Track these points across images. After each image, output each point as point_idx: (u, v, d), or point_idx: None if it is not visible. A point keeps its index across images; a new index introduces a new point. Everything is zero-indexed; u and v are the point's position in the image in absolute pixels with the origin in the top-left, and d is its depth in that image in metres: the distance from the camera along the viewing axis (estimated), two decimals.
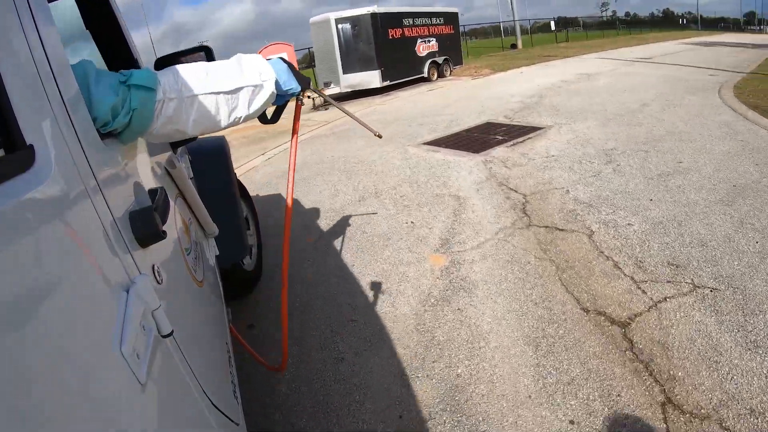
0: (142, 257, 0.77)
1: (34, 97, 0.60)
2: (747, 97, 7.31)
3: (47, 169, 0.56)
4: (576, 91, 9.48)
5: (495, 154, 5.42)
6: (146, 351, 0.66)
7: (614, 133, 5.71)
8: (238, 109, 1.06)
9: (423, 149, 5.96)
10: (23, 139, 0.55)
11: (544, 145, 5.60)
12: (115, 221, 0.71)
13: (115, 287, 0.65)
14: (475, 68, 17.21)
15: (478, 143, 5.91)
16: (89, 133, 0.75)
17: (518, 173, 4.65)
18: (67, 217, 0.59)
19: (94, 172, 0.70)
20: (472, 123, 7.26)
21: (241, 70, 1.07)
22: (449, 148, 5.77)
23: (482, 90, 11.26)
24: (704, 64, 13.95)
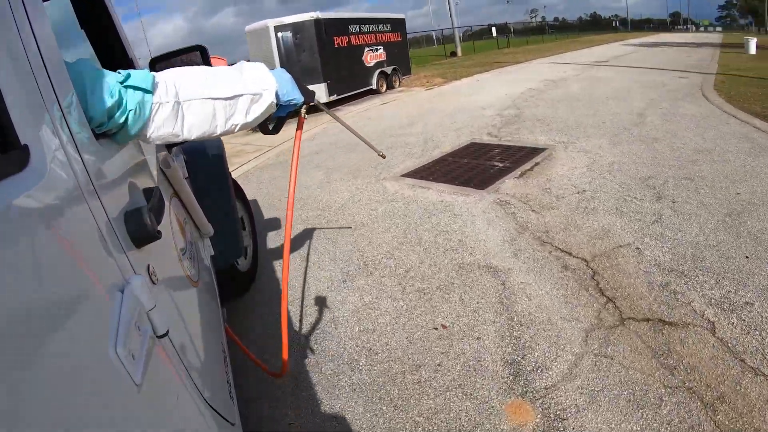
0: (137, 257, 0.78)
1: (29, 96, 0.61)
2: (741, 103, 7.19)
3: (42, 170, 0.58)
4: (554, 101, 8.77)
5: (506, 189, 4.32)
6: (141, 351, 0.66)
7: (635, 155, 4.95)
8: (235, 117, 1.06)
9: (406, 184, 4.74)
10: (18, 139, 0.56)
11: (562, 173, 4.60)
12: (110, 221, 0.72)
13: (110, 287, 0.65)
14: (425, 78, 16.42)
15: (475, 173, 4.80)
16: (84, 133, 0.77)
17: (555, 221, 3.54)
18: (61, 217, 0.60)
19: (89, 172, 0.71)
20: (453, 144, 6.19)
21: (241, 78, 1.08)
22: (441, 182, 4.61)
23: (443, 102, 10.29)
24: (665, 66, 14.00)
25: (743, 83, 9.71)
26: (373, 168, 5.45)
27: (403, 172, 5.08)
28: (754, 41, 17.65)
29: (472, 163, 5.13)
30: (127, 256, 0.75)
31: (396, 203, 4.24)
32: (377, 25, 13.91)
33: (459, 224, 3.64)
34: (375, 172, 5.28)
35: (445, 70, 18.97)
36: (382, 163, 5.55)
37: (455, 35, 31.84)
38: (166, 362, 0.77)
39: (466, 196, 4.22)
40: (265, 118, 1.17)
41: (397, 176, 4.99)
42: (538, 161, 5.04)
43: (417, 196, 4.37)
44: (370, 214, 4.05)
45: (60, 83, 0.72)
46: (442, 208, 4.01)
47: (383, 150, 1.83)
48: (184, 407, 0.80)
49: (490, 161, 5.16)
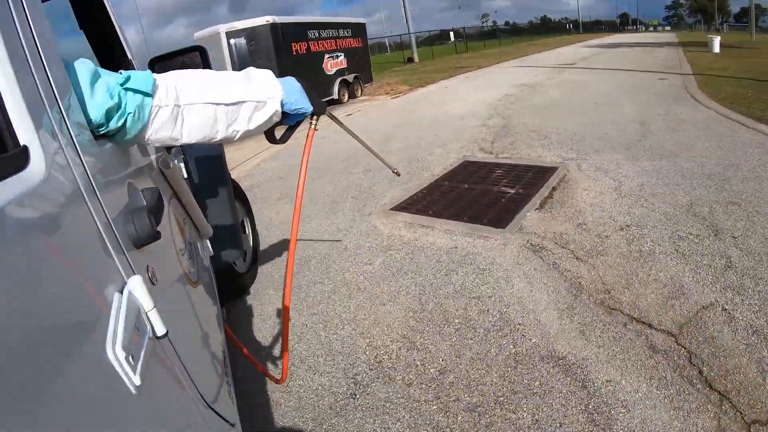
0: (136, 258, 0.78)
1: (29, 97, 0.61)
2: (737, 106, 7.09)
3: (41, 170, 0.58)
4: (540, 108, 8.25)
5: (531, 226, 3.57)
6: (141, 352, 0.67)
7: (661, 174, 4.40)
8: (237, 124, 1.06)
9: (402, 222, 3.89)
10: (17, 140, 0.58)
11: (590, 200, 3.95)
12: (109, 222, 0.73)
13: (109, 288, 0.66)
14: (388, 85, 15.74)
15: (484, 204, 4.04)
16: (83, 134, 0.78)
17: (612, 273, 2.84)
18: (61, 217, 0.61)
19: (88, 172, 0.71)
20: (443, 163, 5.43)
21: (247, 84, 1.08)
22: (446, 219, 3.81)
23: (416, 112, 9.55)
24: (637, 67, 13.92)
25: (726, 83, 9.64)
26: (354, 199, 4.59)
27: (393, 204, 4.24)
28: (718, 40, 17.93)
29: (475, 190, 4.35)
30: (127, 256, 0.75)
31: (396, 252, 3.38)
32: (337, 30, 13.10)
33: (491, 285, 2.82)
34: (357, 205, 4.41)
35: (408, 76, 18.37)
36: (364, 192, 4.71)
37: (411, 41, 31.47)
38: (165, 363, 0.79)
39: (485, 239, 3.42)
40: (271, 126, 1.18)
41: (387, 210, 4.14)
42: (554, 185, 4.33)
43: (420, 239, 3.53)
44: (365, 272, 3.17)
45: (59, 84, 0.72)
46: (459, 259, 3.18)
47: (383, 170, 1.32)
48: (184, 408, 0.82)
49: (496, 186, 4.40)
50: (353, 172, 5.51)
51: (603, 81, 11.12)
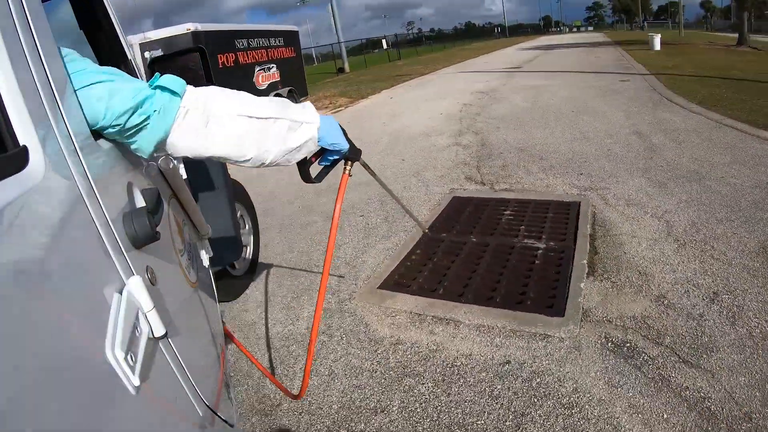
0: (135, 258, 0.79)
1: (28, 97, 0.62)
2: (724, 109, 6.82)
3: (41, 170, 0.59)
4: (511, 119, 7.48)
5: (596, 307, 2.60)
6: (139, 353, 0.68)
7: (704, 205, 3.65)
8: (270, 141, 1.02)
9: (403, 314, 2.70)
10: (17, 140, 0.59)
11: (648, 255, 3.02)
12: (108, 222, 0.74)
13: (108, 288, 0.67)
14: (326, 98, 14.49)
15: (512, 269, 2.98)
16: (83, 134, 0.78)
17: (739, 383, 2.01)
18: (60, 217, 0.62)
19: (87, 172, 0.72)
20: (426, 200, 4.33)
21: (282, 104, 1.06)
22: (468, 302, 2.66)
23: (365, 129, 8.40)
24: (588, 69, 13.66)
25: (693, 83, 9.44)
26: (317, 270, 3.33)
27: (381, 277, 3.03)
28: (659, 37, 18.18)
29: (490, 245, 3.25)
30: (126, 257, 0.76)
31: (416, 382, 2.16)
32: (268, 39, 11.73)
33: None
34: (338, 286, 3.15)
35: (345, 87, 17.22)
36: (334, 257, 3.47)
37: (342, 50, 30.47)
38: (164, 364, 0.79)
39: (544, 340, 2.32)
40: (304, 158, 1.15)
41: (374, 288, 2.92)
42: (590, 231, 3.34)
43: (446, 348, 2.35)
44: (375, 426, 1.94)
45: (59, 83, 0.73)
46: (522, 387, 2.04)
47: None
48: (183, 409, 0.82)
49: (515, 236, 3.32)
50: (310, 216, 4.25)
51: (563, 85, 10.53)
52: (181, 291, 1.10)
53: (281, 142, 1.04)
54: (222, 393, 1.15)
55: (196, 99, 0.94)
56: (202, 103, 0.95)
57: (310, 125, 1.08)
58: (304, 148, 1.10)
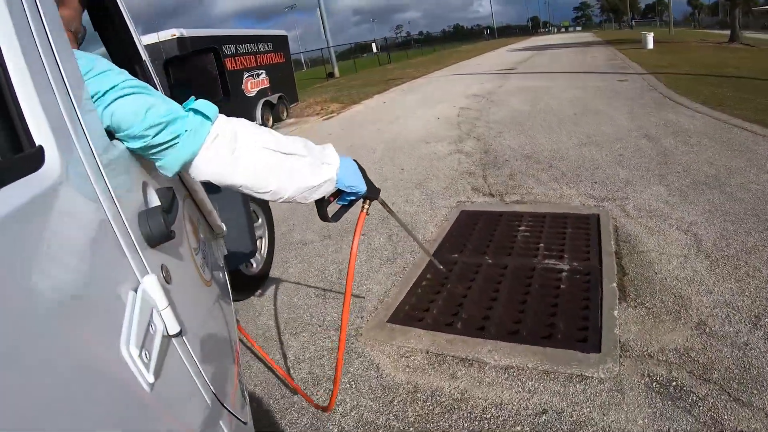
0: (150, 257, 0.80)
1: (44, 98, 0.62)
2: (730, 109, 6.62)
3: (56, 170, 0.60)
4: (512, 123, 7.24)
5: (634, 338, 2.36)
6: (154, 350, 0.69)
7: (731, 215, 3.41)
8: (290, 177, 1.04)
9: (419, 354, 2.41)
10: (32, 140, 0.59)
11: (681, 275, 2.76)
12: (123, 221, 0.74)
13: (123, 287, 0.68)
14: (317, 104, 14.21)
15: (536, 296, 2.68)
16: (98, 133, 0.78)
17: None
18: (76, 216, 0.62)
19: (103, 172, 0.73)
20: (432, 215, 4.04)
21: (304, 144, 1.09)
22: (491, 337, 2.40)
23: (359, 136, 8.10)
24: (584, 69, 13.51)
25: (692, 82, 9.27)
26: (320, 297, 3.03)
27: (389, 308, 2.72)
28: (652, 36, 18.05)
29: (508, 267, 2.95)
30: (141, 255, 0.76)
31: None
32: (257, 44, 11.38)
33: None
34: (323, 320, 2.85)
35: (336, 92, 16.94)
36: (334, 283, 3.16)
37: (331, 55, 30.19)
38: (178, 362, 0.79)
39: (582, 382, 2.04)
40: (322, 198, 1.17)
41: (383, 322, 2.62)
42: (614, 248, 3.09)
43: (472, 396, 2.05)
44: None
45: (75, 84, 0.73)
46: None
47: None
48: (197, 406, 0.83)
49: (534, 255, 3.05)
50: (306, 240, 3.94)
51: (561, 86, 10.31)
52: (196, 289, 1.11)
53: (301, 179, 1.05)
54: (236, 391, 1.16)
55: (226, 127, 0.96)
56: (231, 131, 0.96)
57: (329, 166, 1.11)
58: (322, 188, 1.11)
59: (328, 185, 1.12)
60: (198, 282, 1.13)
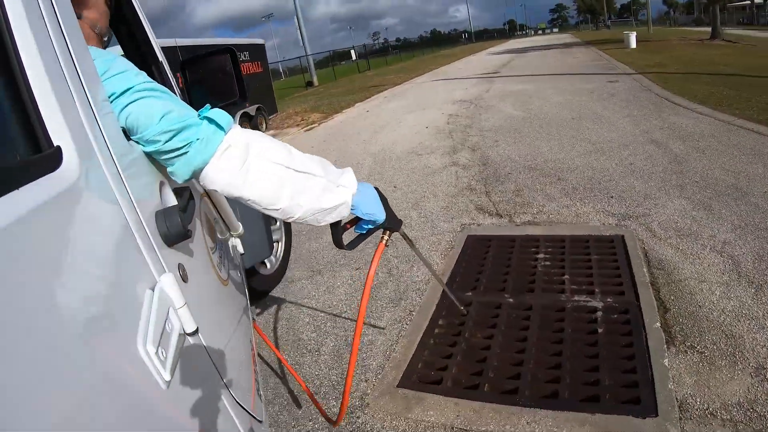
0: (167, 256, 0.80)
1: (61, 98, 0.63)
2: (733, 110, 6.37)
3: (74, 169, 0.61)
4: (507, 131, 6.91)
5: (692, 395, 1.98)
6: (171, 349, 0.69)
7: (764, 230, 3.11)
8: (303, 196, 1.02)
9: (440, 430, 1.97)
10: (50, 140, 0.60)
11: (727, 308, 2.42)
12: (141, 220, 0.75)
13: (140, 286, 0.69)
14: (297, 114, 13.77)
15: (571, 343, 2.32)
16: (116, 134, 0.79)
17: None
18: (93, 216, 0.64)
19: (120, 171, 0.74)
20: (433, 242, 3.64)
21: (321, 163, 1.07)
22: (528, 405, 2.02)
23: (343, 149, 7.67)
24: (570, 70, 13.33)
25: (686, 82, 9.08)
26: (315, 353, 2.59)
27: (401, 367, 2.29)
28: (634, 35, 18.03)
29: (533, 309, 2.55)
30: (158, 254, 0.77)
31: None
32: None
33: None
34: (326, 391, 2.43)
35: (316, 102, 16.50)
36: (328, 335, 2.73)
37: (309, 63, 29.77)
38: (195, 360, 0.80)
39: None
40: (338, 223, 1.17)
41: (392, 387, 2.18)
42: (648, 279, 2.75)
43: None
44: None
45: (92, 85, 0.73)
46: None
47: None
48: (213, 404, 0.83)
49: (560, 290, 2.68)
50: (292, 277, 3.49)
51: (551, 89, 10.03)
52: (212, 288, 1.10)
53: (314, 199, 1.04)
54: (252, 389, 1.17)
55: (239, 138, 0.95)
56: (244, 143, 0.95)
57: (345, 189, 1.08)
58: (336, 212, 1.09)
59: (342, 209, 1.09)
60: (215, 281, 1.13)
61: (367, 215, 1.16)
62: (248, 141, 0.96)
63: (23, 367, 0.43)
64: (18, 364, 0.43)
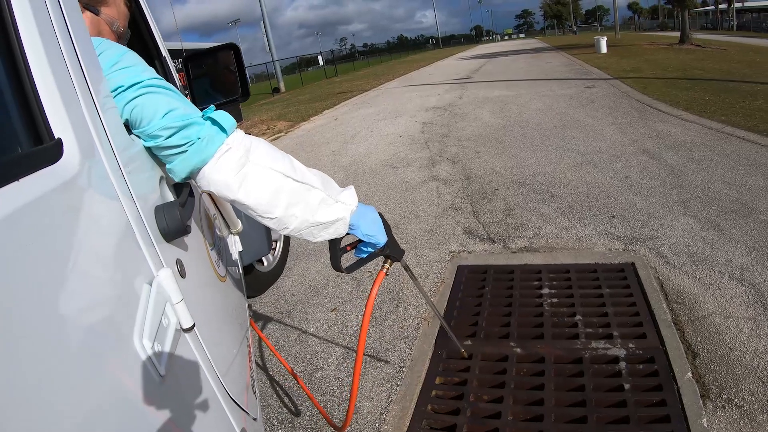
0: (166, 251, 0.81)
1: (63, 91, 0.65)
2: (719, 116, 6.32)
3: (75, 163, 0.62)
4: (487, 141, 6.64)
5: None
6: (167, 344, 0.71)
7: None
8: (298, 207, 1.02)
9: None
10: (51, 133, 0.61)
11: (759, 348, 2.20)
12: (140, 215, 0.76)
13: (138, 280, 0.70)
14: (262, 122, 13.30)
15: (590, 403, 1.96)
16: (117, 128, 0.80)
17: None
18: (93, 209, 0.64)
19: (121, 165, 0.75)
20: (418, 272, 3.24)
21: (321, 177, 1.08)
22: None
23: (312, 161, 7.24)
24: (544, 76, 13.35)
25: (666, 87, 9.07)
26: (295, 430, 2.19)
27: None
28: (605, 40, 18.20)
29: (546, 360, 2.21)
30: (157, 249, 0.78)
31: None
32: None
33: None
34: None
35: (282, 109, 16.03)
36: (302, 404, 2.34)
37: (276, 69, 29.27)
38: (190, 355, 0.81)
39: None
40: (338, 243, 1.17)
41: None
42: (670, 316, 2.48)
43: None
44: None
45: (94, 78, 0.74)
46: None
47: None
48: (208, 400, 0.83)
49: (574, 335, 2.36)
50: (257, 316, 3.07)
51: (528, 95, 9.87)
52: (210, 284, 1.10)
53: (310, 212, 1.04)
54: (247, 387, 1.15)
55: (241, 142, 0.96)
56: (244, 147, 0.96)
57: (344, 206, 1.09)
58: (332, 228, 1.09)
59: (339, 226, 1.09)
60: (212, 277, 1.13)
61: (367, 236, 1.15)
62: (249, 146, 0.97)
63: (20, 358, 0.44)
64: (15, 355, 0.43)
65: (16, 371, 0.43)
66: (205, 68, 1.98)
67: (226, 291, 1.26)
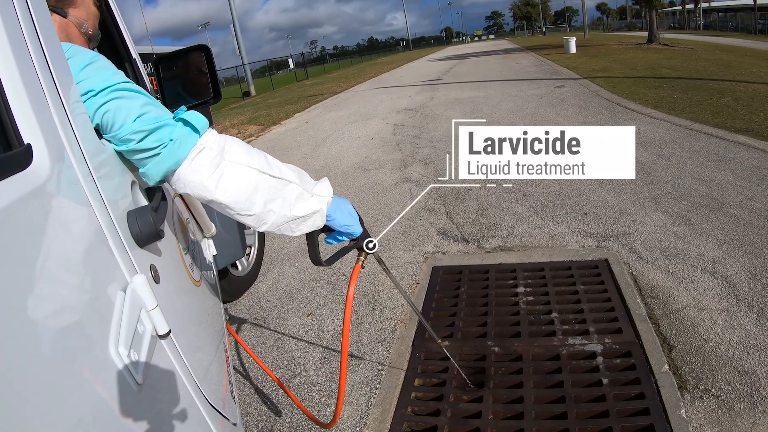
0: (139, 257, 0.81)
1: (32, 96, 0.64)
2: (687, 114, 6.53)
3: (45, 168, 0.62)
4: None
5: None
6: (143, 351, 0.71)
7: (748, 245, 3.01)
8: (276, 202, 1.03)
9: None
10: (21, 138, 0.61)
11: (733, 339, 2.25)
12: (112, 220, 0.76)
13: (112, 287, 0.70)
14: (232, 127, 13.15)
15: (570, 400, 2.00)
16: (88, 132, 0.80)
17: None
18: (64, 215, 0.64)
19: (92, 171, 0.75)
20: (395, 277, 3.20)
21: (298, 173, 1.09)
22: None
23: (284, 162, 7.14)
24: (514, 76, 13.59)
25: (634, 86, 9.36)
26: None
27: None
28: (574, 41, 18.56)
29: (524, 358, 2.24)
30: (130, 255, 0.78)
31: None
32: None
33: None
34: None
35: (253, 113, 15.88)
36: (281, 414, 2.31)
37: (246, 73, 28.99)
38: (167, 362, 0.81)
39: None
40: (313, 237, 1.19)
41: None
42: (645, 311, 2.53)
43: None
44: None
45: (64, 83, 0.74)
46: None
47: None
48: (186, 407, 0.83)
49: (551, 332, 2.40)
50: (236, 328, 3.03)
51: (499, 95, 10.01)
52: (185, 289, 1.10)
53: (287, 207, 1.04)
54: (225, 391, 1.16)
55: (214, 141, 0.96)
56: (218, 146, 0.96)
57: (320, 198, 1.10)
58: (310, 221, 1.10)
59: (317, 218, 1.11)
60: (187, 282, 1.13)
61: (344, 227, 1.18)
62: (223, 144, 0.97)
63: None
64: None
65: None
66: (176, 70, 1.99)
67: (202, 296, 1.26)
